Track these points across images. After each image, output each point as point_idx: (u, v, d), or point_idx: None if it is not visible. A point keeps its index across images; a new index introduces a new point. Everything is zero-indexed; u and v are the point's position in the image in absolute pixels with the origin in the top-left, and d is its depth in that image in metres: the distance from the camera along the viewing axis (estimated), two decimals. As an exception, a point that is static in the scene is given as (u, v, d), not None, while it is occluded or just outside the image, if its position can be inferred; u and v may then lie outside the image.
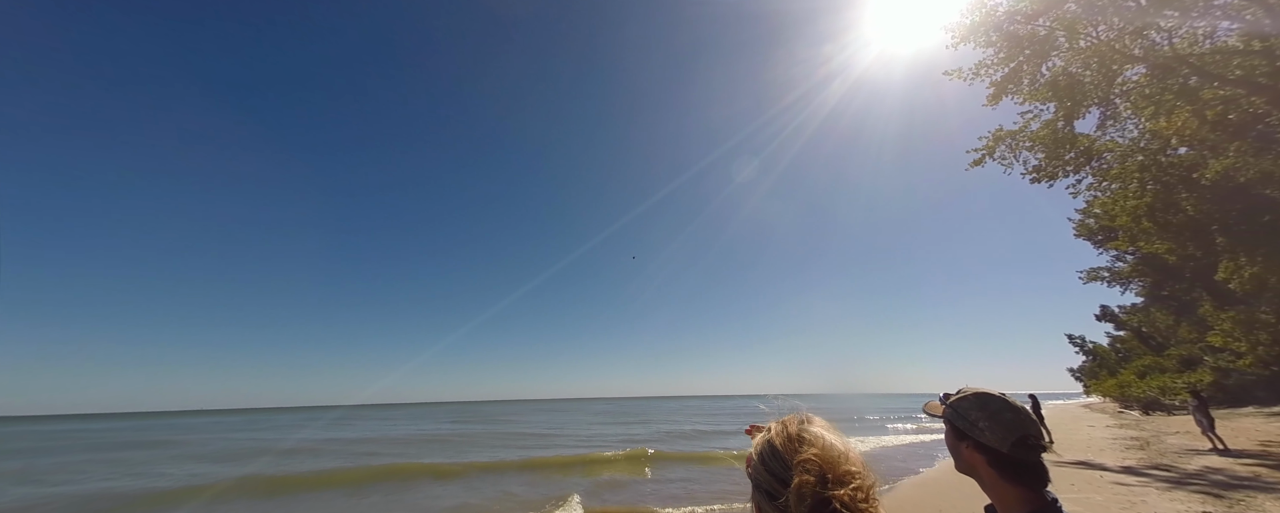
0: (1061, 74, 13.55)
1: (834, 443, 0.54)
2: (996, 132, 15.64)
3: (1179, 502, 5.72)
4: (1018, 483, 0.76)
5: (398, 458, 15.64)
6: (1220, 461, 8.61)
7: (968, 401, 0.84)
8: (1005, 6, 13.35)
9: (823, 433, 0.56)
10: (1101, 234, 22.37)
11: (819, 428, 0.57)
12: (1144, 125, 13.90)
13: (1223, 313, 18.51)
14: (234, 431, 37.96)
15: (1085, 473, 7.87)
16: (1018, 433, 0.76)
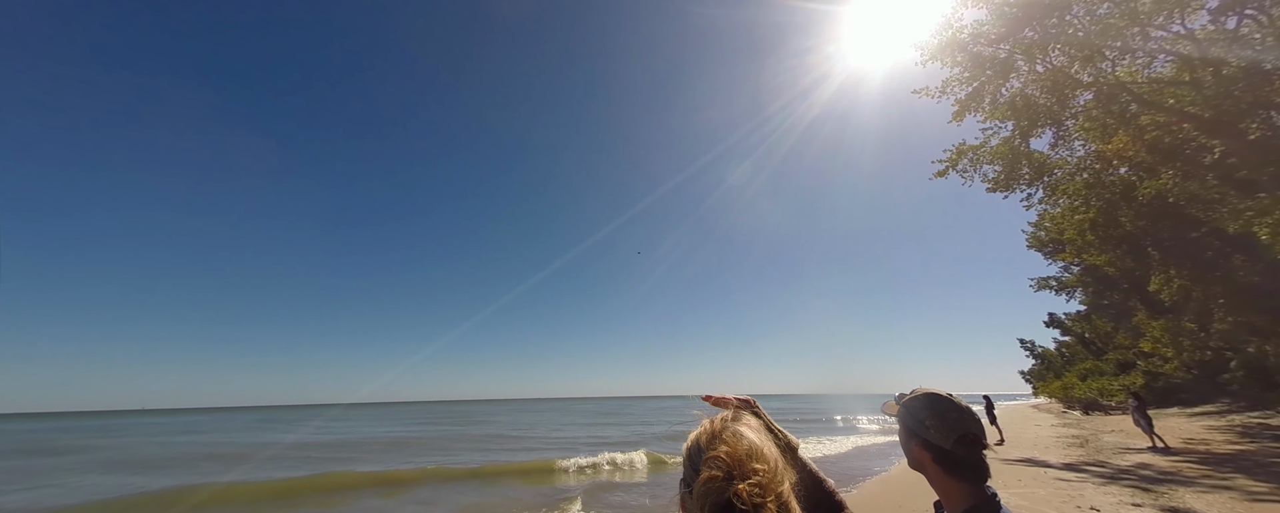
0: (1019, 95, 14.44)
1: (750, 442, 0.55)
2: (960, 146, 16.51)
3: (1112, 495, 6.20)
4: (960, 478, 0.81)
5: (322, 466, 14.06)
6: (1148, 457, 9.38)
7: (918, 400, 0.88)
8: (969, 29, 14.13)
9: (744, 432, 0.56)
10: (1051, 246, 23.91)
11: (742, 428, 0.57)
12: (1090, 146, 15.02)
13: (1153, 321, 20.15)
14: (176, 433, 34.91)
15: (1031, 470, 8.41)
16: (960, 431, 0.81)
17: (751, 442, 0.55)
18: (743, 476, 0.50)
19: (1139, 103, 12.70)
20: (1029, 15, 12.90)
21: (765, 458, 0.53)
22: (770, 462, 0.53)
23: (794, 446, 0.80)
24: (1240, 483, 6.58)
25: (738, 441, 0.55)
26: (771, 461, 0.54)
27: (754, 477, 0.50)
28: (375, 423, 42.95)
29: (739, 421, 0.60)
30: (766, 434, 0.60)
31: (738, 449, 0.53)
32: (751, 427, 0.59)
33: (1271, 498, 5.72)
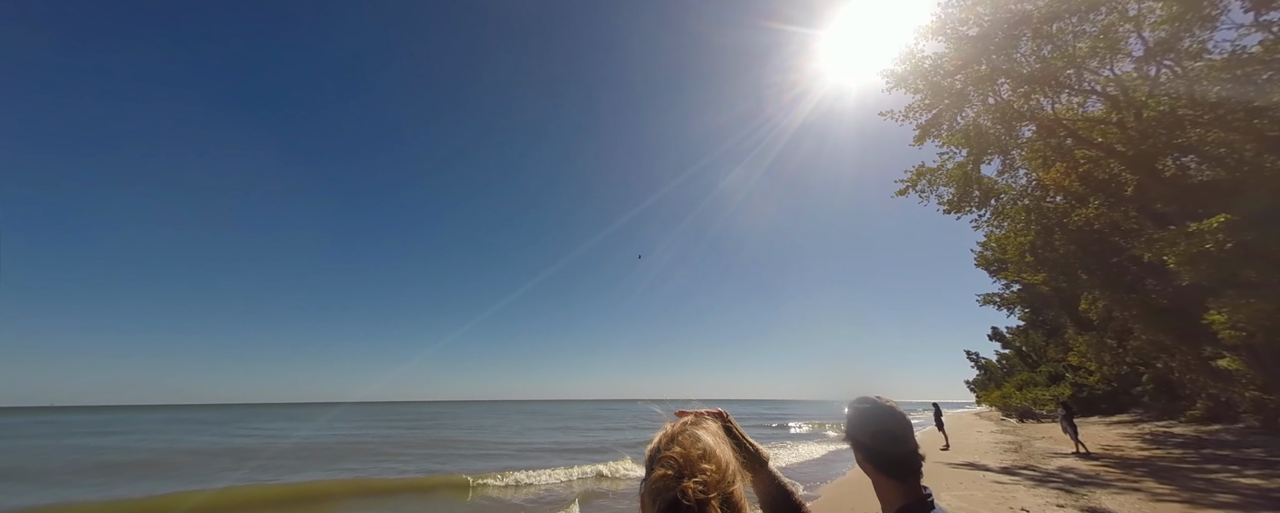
0: (972, 124, 15.56)
1: (704, 445, 0.57)
2: (919, 167, 17.56)
3: (1040, 497, 6.70)
4: (889, 476, 0.85)
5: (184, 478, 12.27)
6: (1072, 461, 10.23)
7: (853, 404, 0.93)
8: (930, 60, 15.11)
9: (701, 435, 0.59)
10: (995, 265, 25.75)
11: (699, 431, 0.60)
12: (1032, 175, 16.35)
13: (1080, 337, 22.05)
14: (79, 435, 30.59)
15: (971, 473, 8.97)
16: (876, 427, 0.85)
17: (706, 444, 0.57)
18: (691, 474, 0.52)
19: (1074, 138, 13.96)
20: (983, 50, 13.93)
21: (716, 460, 0.55)
22: (721, 463, 0.55)
23: (764, 458, 0.82)
24: (1148, 485, 7.28)
25: (692, 443, 0.57)
26: (722, 462, 0.56)
27: (701, 475, 0.52)
28: (334, 424, 40.38)
29: (699, 425, 0.62)
30: (725, 440, 0.62)
31: (690, 450, 0.56)
32: (710, 431, 0.61)
33: (1173, 499, 6.36)
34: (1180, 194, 11.83)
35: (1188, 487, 7.00)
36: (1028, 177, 16.64)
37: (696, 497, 0.50)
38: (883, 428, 0.86)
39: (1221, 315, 10.10)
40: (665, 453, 0.56)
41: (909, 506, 0.82)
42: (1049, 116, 14.44)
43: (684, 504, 0.50)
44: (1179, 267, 10.32)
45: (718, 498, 0.52)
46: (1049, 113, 14.52)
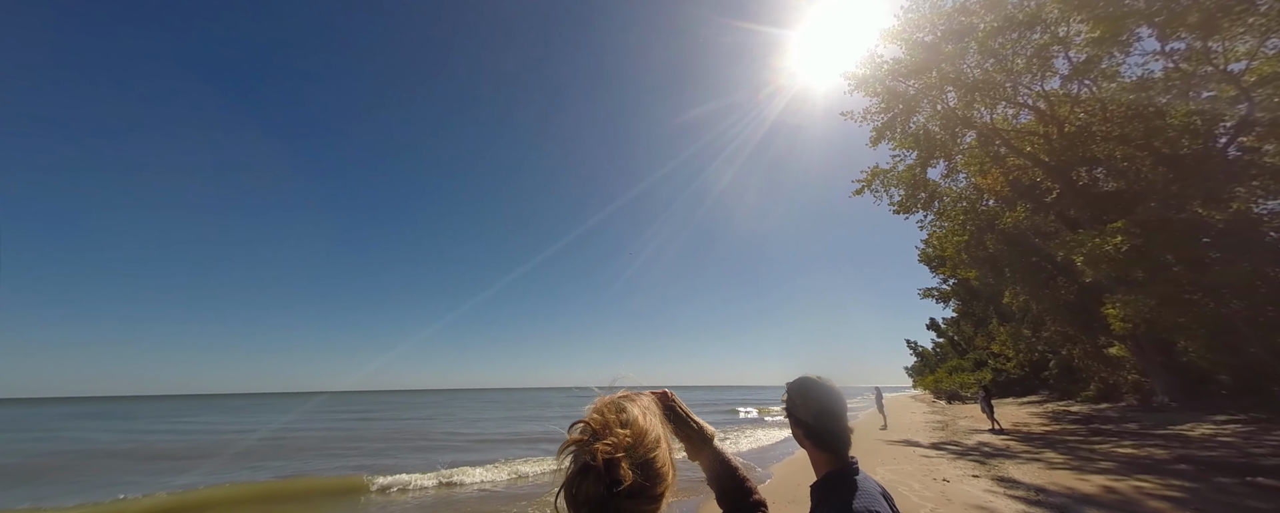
0: (922, 129, 16.61)
1: (627, 414, 0.57)
2: (874, 168, 18.55)
3: (960, 468, 7.52)
4: (823, 449, 0.93)
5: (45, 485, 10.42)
6: (988, 437, 11.50)
7: (793, 384, 1.01)
8: (888, 66, 15.88)
9: (626, 405, 0.59)
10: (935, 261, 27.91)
11: (626, 402, 0.60)
12: (970, 179, 17.76)
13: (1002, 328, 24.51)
14: None
15: (904, 449, 9.88)
16: (819, 407, 0.93)
17: (629, 413, 0.57)
18: (604, 438, 0.53)
19: (1007, 147, 15.25)
20: (934, 58, 14.80)
21: (635, 427, 0.56)
22: (639, 430, 0.56)
23: (709, 435, 0.84)
24: (1047, 456, 8.34)
25: (614, 410, 0.58)
26: (642, 430, 0.56)
27: (614, 438, 0.52)
28: (284, 416, 37.48)
29: (630, 398, 0.62)
30: (657, 414, 0.62)
31: (608, 417, 0.56)
32: (639, 404, 0.61)
33: (1064, 467, 7.34)
34: (1090, 202, 13.29)
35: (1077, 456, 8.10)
36: (967, 181, 18.08)
37: (604, 458, 0.50)
38: (823, 407, 0.93)
39: (1115, 310, 11.58)
40: (585, 419, 0.57)
41: (837, 471, 0.91)
42: (987, 125, 15.66)
43: (593, 466, 0.51)
44: (1085, 266, 11.67)
45: (629, 462, 0.51)
46: (987, 122, 15.75)
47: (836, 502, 0.84)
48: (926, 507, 5.10)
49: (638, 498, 0.52)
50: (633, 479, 0.51)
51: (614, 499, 0.50)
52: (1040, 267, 17.75)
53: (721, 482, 0.79)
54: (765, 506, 0.77)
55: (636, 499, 0.52)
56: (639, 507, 0.52)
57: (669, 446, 0.60)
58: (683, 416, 0.85)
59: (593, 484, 0.50)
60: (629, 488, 0.50)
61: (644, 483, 0.52)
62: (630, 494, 0.51)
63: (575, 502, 0.51)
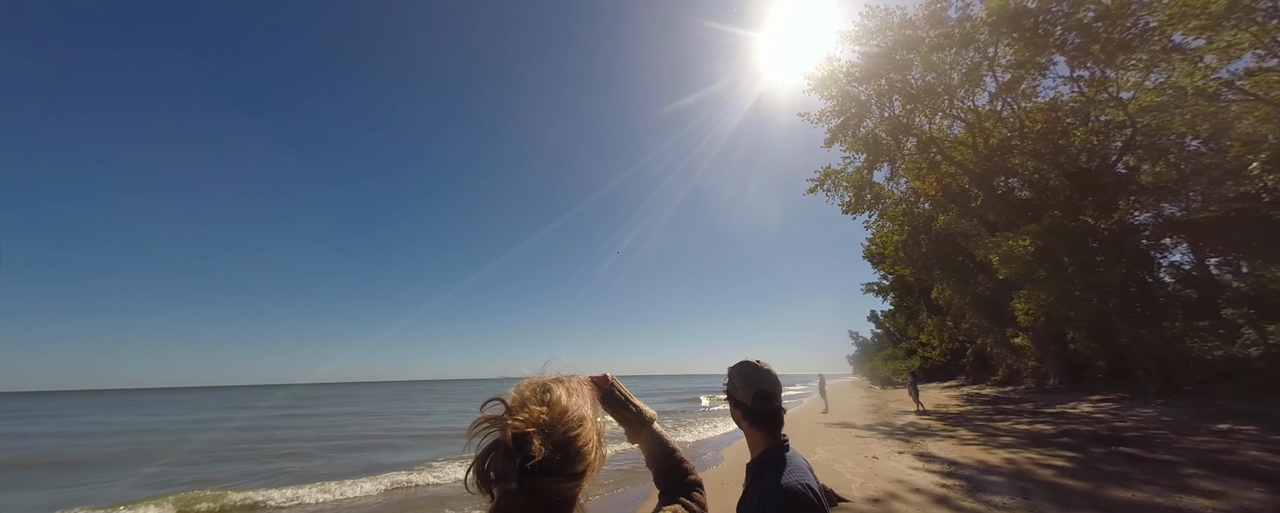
0: (871, 134, 17.70)
1: (548, 393, 0.56)
2: (827, 169, 19.56)
3: (888, 446, 8.29)
4: (758, 428, 1.00)
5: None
6: (914, 418, 12.73)
7: (733, 367, 1.06)
8: (845, 69, 16.71)
9: (550, 385, 0.58)
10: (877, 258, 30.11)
11: (552, 383, 0.59)
12: (910, 183, 19.24)
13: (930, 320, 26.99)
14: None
15: (842, 430, 10.72)
16: (756, 389, 0.99)
17: (552, 393, 0.56)
18: (517, 414, 0.52)
19: (942, 155, 16.63)
20: (884, 65, 15.75)
21: (555, 405, 0.54)
22: (559, 408, 0.54)
23: (648, 418, 0.86)
24: (960, 433, 9.39)
25: (535, 388, 0.56)
26: (562, 408, 0.54)
27: (528, 414, 0.51)
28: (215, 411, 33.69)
29: (560, 380, 0.60)
30: (585, 396, 0.60)
31: (525, 394, 0.55)
32: (566, 385, 0.59)
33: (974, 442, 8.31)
34: (1007, 208, 14.83)
35: (985, 433, 9.19)
36: (907, 185, 19.58)
37: (514, 433, 0.49)
38: (760, 389, 0.98)
39: (1021, 304, 13.12)
40: (506, 395, 0.55)
41: (770, 449, 0.97)
42: (926, 134, 16.97)
43: (502, 441, 0.50)
44: (999, 266, 13.08)
45: (545, 439, 0.50)
46: (926, 130, 17.07)
47: (770, 477, 0.90)
48: (857, 481, 5.60)
49: (554, 476, 0.51)
50: (545, 455, 0.49)
51: (526, 476, 0.49)
52: (964, 265, 19.68)
53: (658, 463, 0.81)
54: (700, 486, 0.78)
55: (553, 477, 0.50)
56: (554, 484, 0.51)
57: (597, 427, 0.59)
58: (622, 399, 0.87)
59: (501, 459, 0.49)
60: (543, 465, 0.49)
61: (561, 461, 0.51)
62: (546, 472, 0.50)
63: (484, 478, 0.50)
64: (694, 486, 0.78)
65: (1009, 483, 5.19)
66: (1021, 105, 14.90)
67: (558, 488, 0.51)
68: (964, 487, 5.09)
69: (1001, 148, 14.88)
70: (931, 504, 4.53)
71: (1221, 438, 6.91)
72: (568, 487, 0.52)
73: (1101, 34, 12.02)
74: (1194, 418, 8.65)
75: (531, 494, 0.49)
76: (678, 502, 0.72)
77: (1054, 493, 4.71)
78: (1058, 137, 13.87)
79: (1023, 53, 13.37)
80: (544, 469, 0.50)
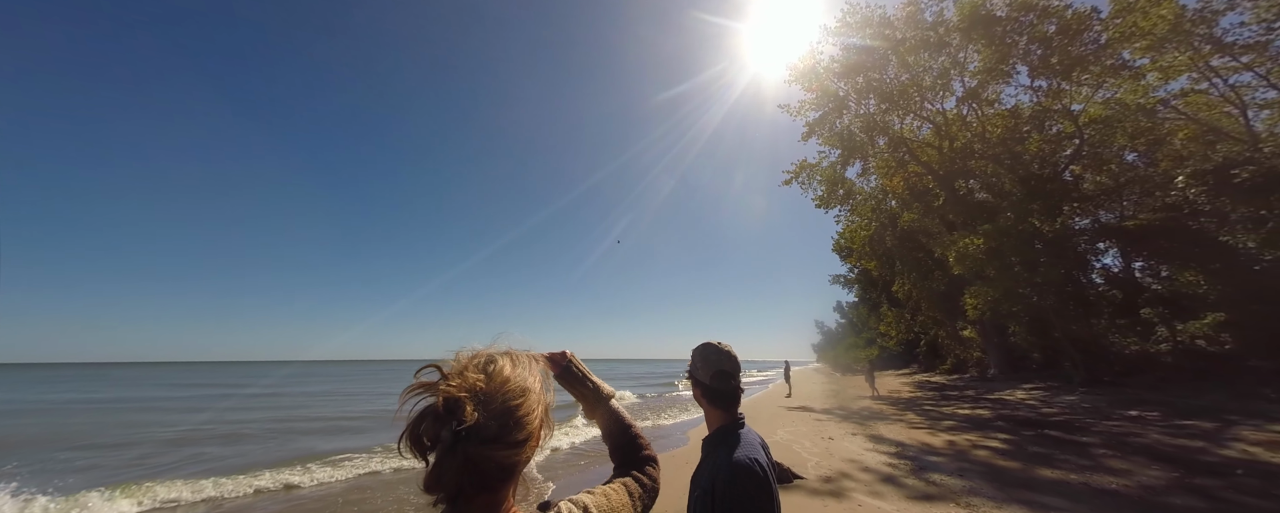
0: (846, 129, 18.16)
1: (491, 364, 0.55)
2: (802, 162, 19.96)
3: (844, 428, 8.82)
4: (716, 406, 1.05)
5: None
6: (869, 402, 13.55)
7: (695, 349, 1.12)
8: (826, 62, 16.95)
9: (495, 356, 0.57)
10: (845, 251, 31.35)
11: (498, 354, 0.58)
12: (879, 181, 19.97)
13: (889, 312, 28.51)
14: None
15: (803, 414, 11.29)
16: (715, 368, 1.04)
17: (497, 363, 0.55)
18: (450, 380, 0.51)
19: (910, 155, 17.30)
20: (863, 63, 16.07)
21: (495, 375, 0.53)
22: (499, 378, 0.53)
23: (606, 394, 0.88)
24: (909, 417, 10.09)
25: (475, 359, 0.56)
26: (502, 378, 0.54)
27: (459, 380, 0.51)
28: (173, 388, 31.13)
29: (510, 354, 0.60)
30: (534, 370, 0.60)
31: (464, 363, 0.55)
32: (514, 357, 0.59)
33: (921, 425, 8.96)
34: (965, 209, 15.66)
35: (931, 417, 9.92)
36: (876, 182, 20.33)
37: (445, 396, 0.49)
38: (719, 368, 1.04)
39: (971, 299, 14.05)
40: (433, 364, 0.54)
41: (725, 425, 1.04)
42: (897, 133, 17.57)
43: (432, 407, 0.49)
44: (954, 263, 13.89)
45: (479, 406, 0.50)
46: (898, 130, 17.65)
47: (723, 451, 0.96)
48: (812, 460, 5.94)
49: (491, 444, 0.50)
50: (481, 422, 0.49)
51: (460, 442, 0.48)
52: (924, 261, 20.81)
53: (613, 437, 0.83)
54: (655, 462, 0.80)
55: (490, 445, 0.50)
56: (490, 452, 0.50)
57: (545, 400, 0.58)
58: (579, 375, 0.89)
59: (432, 424, 0.49)
60: (479, 432, 0.49)
61: (499, 429, 0.50)
62: (483, 439, 0.49)
63: (417, 444, 0.49)
64: (648, 461, 0.79)
65: (949, 463, 5.64)
66: (985, 111, 15.64)
67: (494, 455, 0.50)
68: (909, 467, 5.50)
69: (964, 151, 15.63)
70: (879, 483, 4.87)
71: (1131, 423, 7.75)
72: (505, 455, 0.51)
73: (1060, 46, 12.72)
74: (1110, 405, 9.64)
75: (465, 460, 0.48)
76: (629, 475, 0.73)
77: (988, 472, 5.16)
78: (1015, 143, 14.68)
79: (989, 59, 13.98)
80: (480, 437, 0.49)
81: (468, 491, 0.50)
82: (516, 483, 0.56)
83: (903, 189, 18.57)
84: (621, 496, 0.67)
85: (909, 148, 17.23)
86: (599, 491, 0.66)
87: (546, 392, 0.61)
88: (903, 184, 18.23)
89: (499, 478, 0.52)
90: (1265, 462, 5.10)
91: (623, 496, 0.67)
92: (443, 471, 0.49)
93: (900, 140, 17.23)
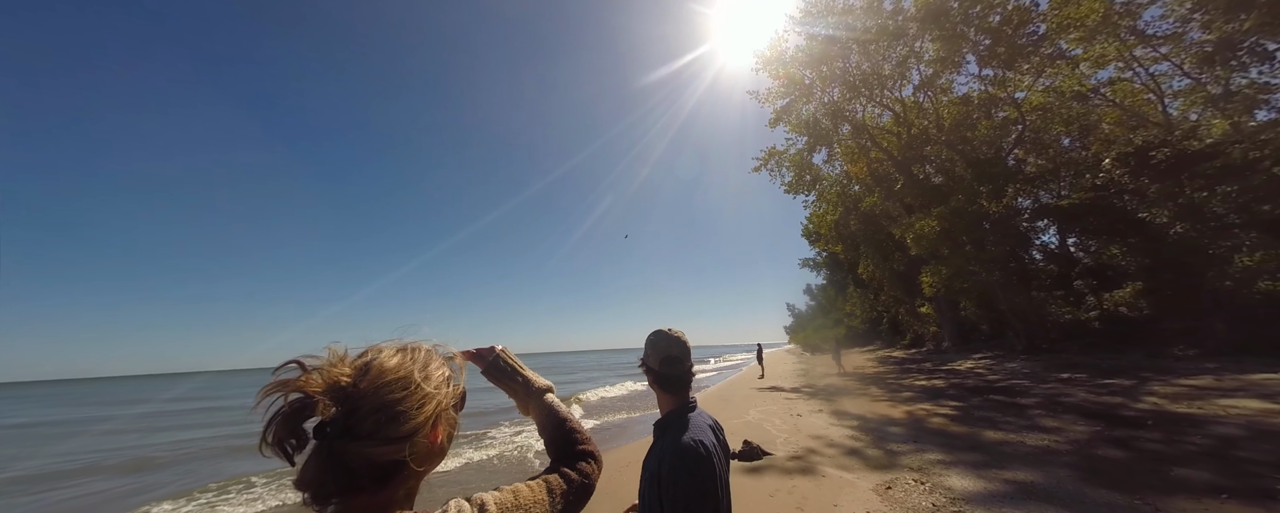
0: (812, 117, 18.60)
1: (364, 357, 0.53)
2: (771, 149, 20.32)
3: (810, 405, 9.27)
4: (666, 391, 1.08)
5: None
6: (835, 379, 14.26)
7: (649, 336, 1.13)
8: (792, 51, 17.18)
9: (382, 348, 0.55)
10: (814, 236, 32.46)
11: (389, 346, 0.56)
12: (844, 166, 20.66)
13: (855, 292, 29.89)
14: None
15: (773, 393, 11.77)
16: (664, 354, 1.07)
17: (378, 358, 0.52)
18: (309, 375, 0.49)
19: (871, 141, 17.94)
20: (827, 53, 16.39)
21: (377, 367, 0.51)
22: (380, 370, 0.50)
23: (537, 388, 0.86)
24: (872, 392, 10.71)
25: (354, 353, 0.53)
26: (384, 369, 0.51)
27: (317, 375, 0.48)
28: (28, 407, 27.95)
29: (408, 347, 0.57)
30: (438, 363, 0.57)
31: (334, 357, 0.52)
32: (409, 350, 0.56)
33: (882, 398, 9.55)
34: (922, 192, 16.47)
35: (891, 389, 10.57)
36: (841, 168, 21.03)
37: (294, 391, 0.46)
38: (668, 354, 1.07)
39: (927, 277, 14.91)
40: (294, 360, 0.50)
41: (675, 409, 1.06)
42: (859, 121, 18.15)
43: (286, 406, 0.46)
44: (912, 243, 14.66)
45: (342, 400, 0.47)
46: (860, 118, 18.24)
47: (671, 436, 0.99)
48: (781, 437, 6.23)
49: (363, 440, 0.46)
50: (337, 415, 0.46)
51: (332, 440, 0.45)
52: (885, 243, 21.86)
53: (548, 432, 0.80)
54: (591, 457, 0.76)
55: (362, 442, 0.46)
56: (363, 449, 0.46)
57: (441, 396, 0.55)
58: (509, 370, 0.87)
59: (282, 425, 0.45)
60: (349, 428, 0.46)
61: (373, 425, 0.47)
62: (355, 435, 0.46)
63: (278, 446, 0.46)
64: (583, 456, 0.75)
65: (907, 432, 6.05)
66: (940, 99, 16.38)
67: (367, 452, 0.47)
68: (871, 438, 5.86)
69: (921, 137, 16.37)
70: (844, 455, 5.17)
71: (1063, 385, 8.54)
72: (381, 452, 0.47)
73: (1005, 36, 13.42)
74: (1046, 369, 10.57)
75: (329, 458, 0.46)
76: (557, 471, 0.69)
77: (941, 438, 5.58)
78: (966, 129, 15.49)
79: (942, 50, 14.60)
80: (351, 433, 0.46)
81: (334, 491, 0.46)
82: (405, 484, 0.52)
83: (866, 174, 19.30)
84: (536, 493, 0.62)
85: (871, 134, 17.87)
86: (509, 488, 0.61)
87: (449, 386, 0.57)
88: (866, 170, 18.93)
89: (376, 477, 0.48)
90: (1171, 412, 5.76)
91: (538, 492, 0.62)
92: (306, 468, 0.46)
93: (862, 127, 17.84)
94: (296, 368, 0.50)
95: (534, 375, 0.89)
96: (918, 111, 16.95)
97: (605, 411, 12.53)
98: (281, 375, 0.49)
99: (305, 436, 0.46)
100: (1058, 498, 3.45)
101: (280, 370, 0.50)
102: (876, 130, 18.20)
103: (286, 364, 0.50)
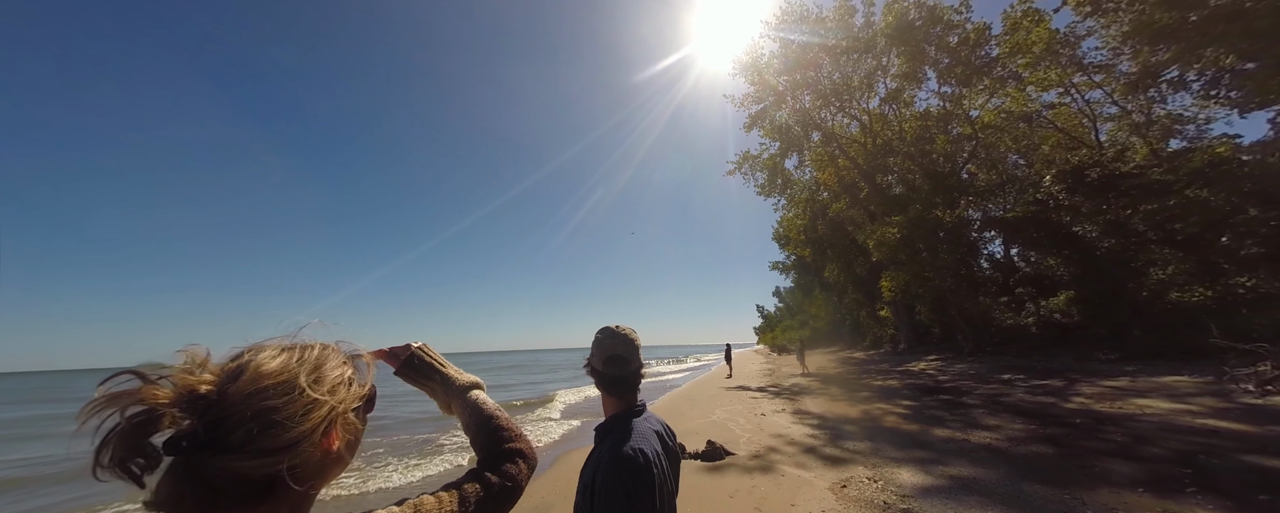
0: (784, 123, 19.10)
1: (236, 359, 0.47)
2: (745, 153, 20.72)
3: (774, 404, 9.50)
4: (610, 393, 1.00)
5: None
6: (799, 379, 14.72)
7: (595, 334, 1.04)
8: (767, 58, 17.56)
9: (262, 348, 0.48)
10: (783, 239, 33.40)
11: (271, 346, 0.49)
12: (813, 173, 21.35)
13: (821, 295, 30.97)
14: None
15: (739, 393, 11.99)
16: (608, 354, 0.99)
17: (254, 360, 0.46)
18: (153, 384, 0.42)
19: (840, 149, 18.62)
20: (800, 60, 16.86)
21: (248, 369, 0.44)
22: (251, 374, 0.44)
23: (459, 385, 0.78)
24: (832, 391, 11.10)
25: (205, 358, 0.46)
26: (255, 373, 0.44)
27: (167, 387, 0.41)
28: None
29: (292, 346, 0.50)
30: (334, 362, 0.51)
31: (196, 359, 0.45)
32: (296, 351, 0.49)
33: (842, 398, 9.91)
34: (884, 201, 17.24)
35: (850, 390, 11.00)
36: (811, 174, 21.73)
37: (133, 404, 0.39)
38: (613, 353, 0.98)
39: (886, 282, 15.63)
40: (133, 370, 0.43)
41: (618, 414, 0.98)
42: (829, 129, 18.80)
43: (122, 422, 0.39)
44: (874, 250, 15.31)
45: (196, 411, 0.41)
46: (830, 126, 18.90)
47: (611, 442, 0.91)
48: (744, 437, 6.32)
49: (230, 454, 0.40)
50: (194, 427, 0.40)
51: (189, 455, 0.39)
52: (850, 248, 22.77)
53: (472, 432, 0.74)
54: (520, 455, 0.70)
55: (228, 455, 0.40)
56: (234, 463, 0.40)
57: (334, 401, 0.48)
58: (426, 368, 0.80)
59: (117, 446, 0.38)
60: (219, 442, 0.40)
61: (245, 435, 0.41)
62: (223, 449, 0.40)
63: (117, 467, 0.38)
64: (509, 456, 0.68)
65: (862, 430, 6.28)
66: (903, 112, 17.21)
67: (234, 467, 0.40)
68: (828, 436, 6.04)
69: (885, 147, 17.13)
70: (802, 453, 5.30)
71: (1003, 385, 9.14)
72: (252, 466, 0.41)
73: (962, 56, 14.26)
74: (989, 370, 11.30)
75: (187, 475, 0.39)
76: (478, 478, 0.62)
77: (893, 436, 5.82)
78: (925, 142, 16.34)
79: (906, 65, 15.35)
80: (216, 445, 0.40)
81: (190, 509, 0.39)
82: (286, 500, 0.44)
83: (834, 181, 20.03)
84: (445, 503, 0.55)
85: (839, 143, 18.55)
86: (411, 501, 0.53)
87: (349, 388, 0.50)
88: (834, 177, 19.63)
89: (247, 494, 0.41)
90: (1097, 411, 6.27)
91: (447, 503, 0.55)
92: (160, 487, 0.39)
93: (832, 135, 18.49)
94: (132, 379, 0.41)
95: (457, 372, 0.81)
96: (883, 123, 17.73)
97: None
98: (112, 389, 0.40)
99: (155, 452, 0.39)
100: (996, 494, 3.65)
101: (109, 383, 0.41)
102: (845, 139, 18.91)
103: (118, 374, 0.41)
